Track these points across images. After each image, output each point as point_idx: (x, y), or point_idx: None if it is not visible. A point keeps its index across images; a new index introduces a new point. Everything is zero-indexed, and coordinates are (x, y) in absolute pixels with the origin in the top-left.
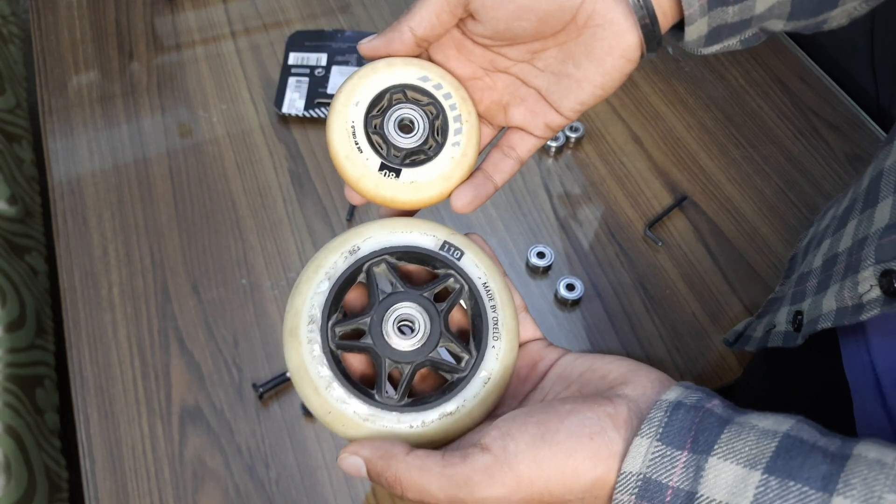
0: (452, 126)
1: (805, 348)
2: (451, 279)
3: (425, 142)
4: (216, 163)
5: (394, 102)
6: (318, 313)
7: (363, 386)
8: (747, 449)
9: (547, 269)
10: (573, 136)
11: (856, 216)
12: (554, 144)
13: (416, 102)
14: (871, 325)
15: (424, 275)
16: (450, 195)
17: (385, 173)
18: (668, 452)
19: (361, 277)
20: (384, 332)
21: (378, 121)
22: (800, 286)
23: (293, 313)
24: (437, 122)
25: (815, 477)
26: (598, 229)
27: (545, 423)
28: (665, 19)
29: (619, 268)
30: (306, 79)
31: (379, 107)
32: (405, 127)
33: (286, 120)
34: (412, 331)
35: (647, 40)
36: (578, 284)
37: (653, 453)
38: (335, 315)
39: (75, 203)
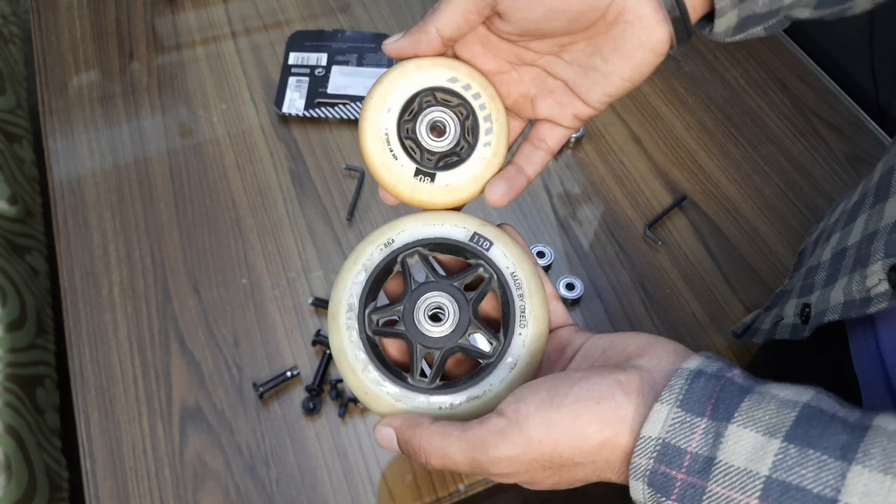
0: (483, 126)
1: (810, 343)
2: (481, 269)
3: (457, 144)
4: (216, 163)
5: (424, 106)
6: (355, 301)
7: (397, 369)
8: (767, 417)
9: (547, 268)
10: (573, 136)
11: (866, 210)
12: None
13: (446, 104)
14: (881, 318)
15: (457, 264)
16: (482, 191)
17: (420, 178)
18: (688, 419)
19: (397, 268)
20: (416, 320)
21: (410, 125)
22: (808, 279)
23: (335, 301)
24: (468, 123)
25: (835, 446)
26: (597, 229)
27: (555, 389)
28: (695, 12)
29: (619, 267)
30: (306, 79)
31: (410, 111)
32: (437, 130)
33: (286, 120)
34: (442, 318)
35: (676, 34)
36: (578, 284)
37: (672, 419)
38: (372, 303)
39: (76, 203)
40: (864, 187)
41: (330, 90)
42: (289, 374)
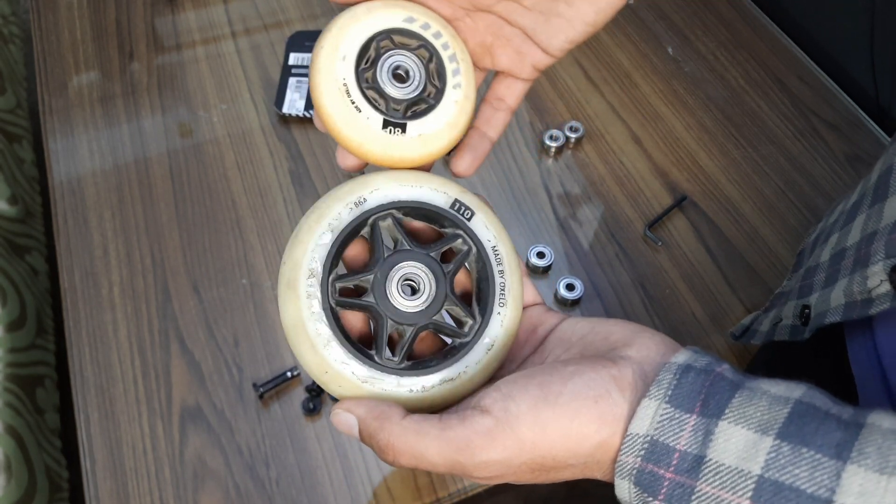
0: (449, 67)
1: (809, 345)
2: (460, 240)
3: (424, 89)
4: (216, 163)
5: (382, 51)
6: (318, 267)
7: (362, 347)
8: (759, 414)
9: (547, 268)
10: (573, 136)
11: (864, 211)
12: (554, 145)
13: (405, 47)
14: (878, 319)
15: (430, 233)
16: (459, 140)
17: (390, 130)
18: (677, 415)
19: (365, 231)
20: (388, 292)
21: (369, 74)
22: (807, 280)
23: (292, 265)
24: (432, 66)
25: (829, 444)
26: (597, 229)
27: (548, 385)
28: None
29: (619, 268)
30: (306, 79)
31: (367, 58)
32: (400, 76)
33: (286, 120)
34: (417, 291)
35: None
36: (578, 284)
37: (661, 416)
38: (335, 270)
39: (76, 203)
40: (863, 187)
41: None
42: (289, 374)
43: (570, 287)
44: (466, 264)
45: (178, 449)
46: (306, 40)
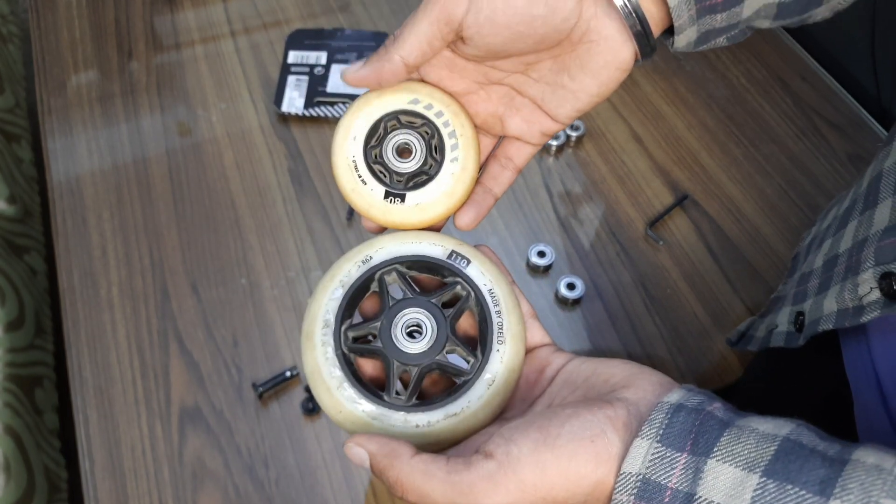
0: (448, 142)
1: (806, 349)
2: (459, 286)
3: (424, 163)
4: (215, 162)
5: (389, 130)
6: (331, 318)
7: (373, 387)
8: (746, 452)
9: (547, 268)
10: (574, 134)
11: (856, 217)
12: (555, 143)
13: (410, 126)
14: (872, 326)
15: (434, 283)
16: (456, 210)
17: (391, 200)
18: (668, 454)
19: (374, 286)
20: (393, 336)
21: (377, 150)
22: (801, 286)
23: (310, 319)
24: (434, 142)
25: (813, 481)
26: (598, 228)
27: (546, 428)
28: (657, 27)
29: (620, 267)
30: (306, 77)
31: (376, 136)
32: (403, 152)
33: (286, 119)
34: (420, 334)
35: (640, 49)
36: (579, 284)
37: (652, 454)
38: (348, 320)
39: (74, 203)
40: (855, 193)
41: (329, 89)
42: (288, 374)
43: (570, 286)
44: (472, 308)
45: (177, 449)
46: (305, 39)
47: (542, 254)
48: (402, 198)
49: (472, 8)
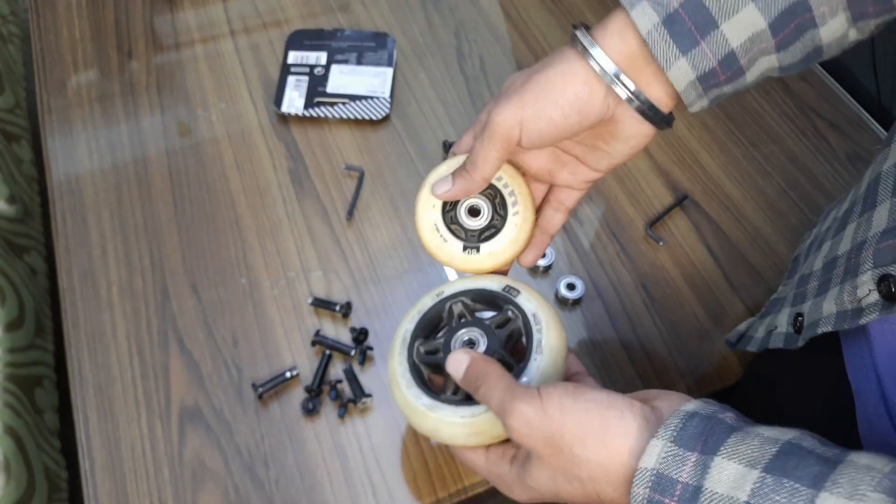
0: (509, 200)
1: (807, 349)
2: (509, 312)
3: (492, 219)
4: (215, 162)
5: None
6: (408, 336)
7: (433, 390)
8: (750, 451)
9: (547, 268)
10: None
11: (855, 219)
12: None
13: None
14: (873, 327)
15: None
16: (523, 250)
17: (468, 252)
18: (681, 453)
19: (445, 315)
20: (452, 349)
21: (452, 213)
22: (801, 288)
23: (396, 336)
24: (497, 201)
25: (808, 476)
26: (598, 228)
27: (580, 389)
28: (668, 106)
29: (620, 267)
30: (306, 78)
31: (450, 202)
32: (474, 212)
33: (286, 119)
34: (473, 347)
35: (655, 124)
36: (579, 284)
37: (666, 453)
38: (420, 338)
39: (74, 203)
40: (854, 195)
41: (329, 89)
42: (288, 374)
43: (570, 287)
44: (519, 327)
45: (177, 449)
46: (305, 39)
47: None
48: (478, 249)
49: (524, 131)
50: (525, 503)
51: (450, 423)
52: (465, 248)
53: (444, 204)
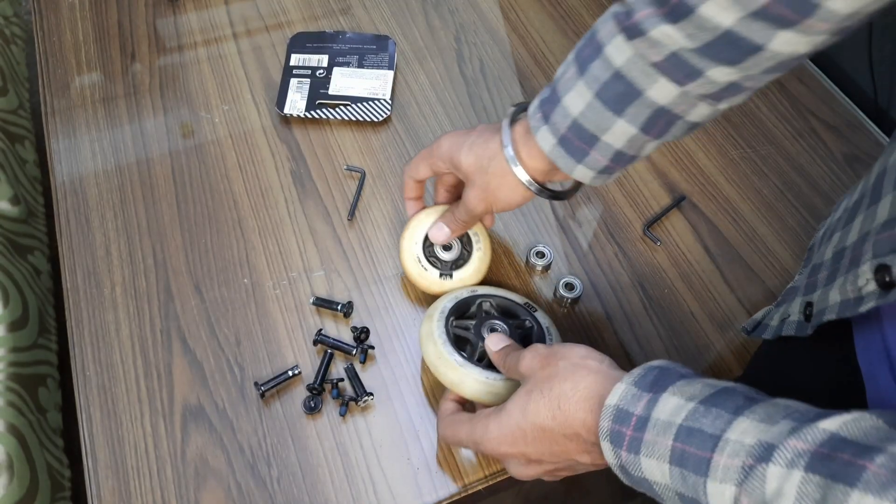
0: (473, 239)
1: (815, 338)
2: (527, 321)
3: (461, 252)
4: (218, 163)
5: None
6: (446, 310)
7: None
8: (692, 390)
9: (546, 268)
10: None
11: (862, 211)
12: None
13: None
14: (886, 312)
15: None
16: (483, 277)
17: (444, 278)
18: (638, 393)
19: (474, 309)
20: (482, 329)
21: (430, 248)
22: (812, 277)
23: (434, 308)
24: (464, 239)
25: (732, 406)
26: (596, 229)
27: (558, 349)
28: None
29: (618, 267)
30: (308, 80)
31: (428, 241)
32: (447, 247)
33: (288, 121)
34: (495, 332)
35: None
36: (577, 284)
37: (626, 392)
38: (453, 317)
39: (78, 203)
40: (864, 187)
41: (331, 91)
42: (290, 373)
43: (569, 286)
44: (534, 334)
45: (179, 448)
46: (307, 41)
47: (541, 254)
48: (451, 276)
49: (493, 210)
50: (485, 449)
51: (475, 380)
52: (441, 275)
53: (424, 241)
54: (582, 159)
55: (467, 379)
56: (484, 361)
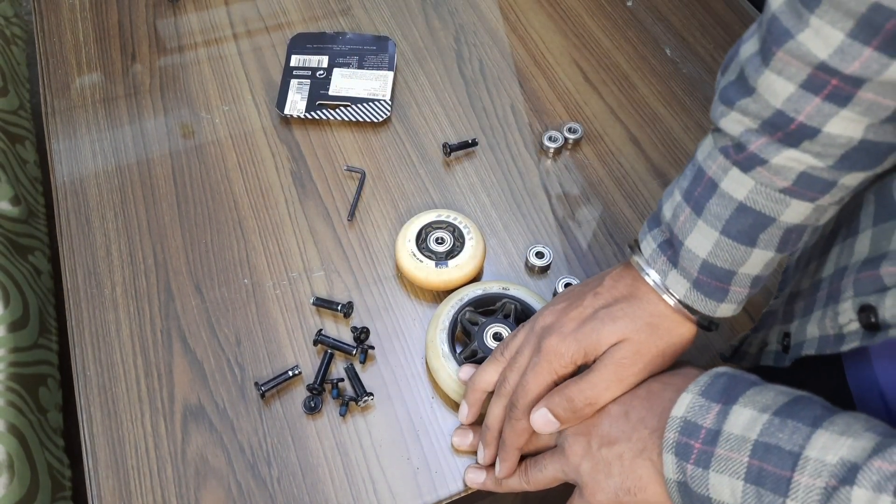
0: (465, 231)
1: (798, 366)
2: (507, 302)
3: (454, 244)
4: (219, 163)
5: (429, 231)
6: (465, 299)
7: (454, 339)
8: (764, 400)
9: (546, 268)
10: (572, 137)
11: (839, 242)
12: (553, 146)
13: (441, 227)
14: (875, 352)
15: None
16: (481, 265)
17: (439, 268)
18: (706, 404)
19: (459, 327)
20: (486, 342)
21: (425, 243)
22: (789, 306)
23: (453, 295)
24: (456, 233)
25: (809, 417)
26: (596, 229)
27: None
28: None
29: None
30: (308, 81)
31: (421, 238)
32: (439, 241)
33: (288, 121)
34: (500, 339)
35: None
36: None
37: (694, 403)
38: (470, 308)
39: (78, 203)
40: (840, 216)
41: (331, 92)
42: (290, 373)
43: (568, 287)
44: (518, 311)
45: (180, 447)
46: (307, 42)
47: (540, 254)
48: (447, 265)
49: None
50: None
51: (448, 376)
52: (437, 265)
53: (418, 237)
54: (723, 298)
55: (442, 373)
56: (474, 359)
